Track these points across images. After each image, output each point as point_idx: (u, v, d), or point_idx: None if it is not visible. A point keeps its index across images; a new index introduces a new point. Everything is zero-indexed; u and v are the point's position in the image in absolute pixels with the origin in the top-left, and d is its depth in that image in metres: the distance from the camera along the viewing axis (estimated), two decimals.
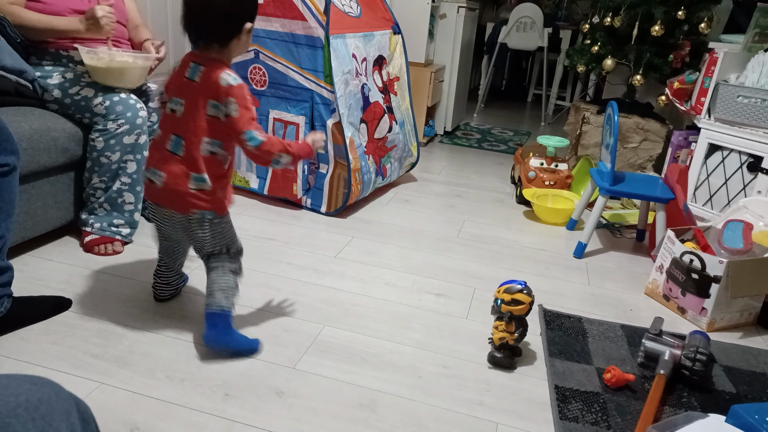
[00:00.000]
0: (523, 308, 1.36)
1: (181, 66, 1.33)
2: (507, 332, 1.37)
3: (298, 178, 2.23)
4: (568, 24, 5.12)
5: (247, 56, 2.23)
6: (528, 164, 2.64)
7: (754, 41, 2.33)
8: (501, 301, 1.37)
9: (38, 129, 1.63)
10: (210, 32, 1.28)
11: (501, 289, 1.38)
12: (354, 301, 1.66)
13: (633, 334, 1.59)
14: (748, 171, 2.24)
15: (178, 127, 1.30)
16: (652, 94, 3.03)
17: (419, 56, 3.37)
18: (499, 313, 1.38)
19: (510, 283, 1.39)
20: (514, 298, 1.36)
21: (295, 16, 2.09)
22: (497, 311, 1.38)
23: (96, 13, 1.63)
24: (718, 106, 2.34)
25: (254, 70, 2.23)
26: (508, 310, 1.36)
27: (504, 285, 1.39)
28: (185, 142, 1.29)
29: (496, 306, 1.38)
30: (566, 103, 5.11)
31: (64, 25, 1.69)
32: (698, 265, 1.65)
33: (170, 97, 1.33)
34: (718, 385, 1.40)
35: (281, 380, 1.29)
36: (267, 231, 2.09)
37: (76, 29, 1.69)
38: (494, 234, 2.26)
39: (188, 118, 1.29)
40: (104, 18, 1.64)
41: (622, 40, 2.85)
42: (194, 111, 1.29)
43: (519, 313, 1.37)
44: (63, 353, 1.31)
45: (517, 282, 1.38)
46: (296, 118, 2.18)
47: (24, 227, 1.67)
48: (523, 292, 1.36)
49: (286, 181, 2.27)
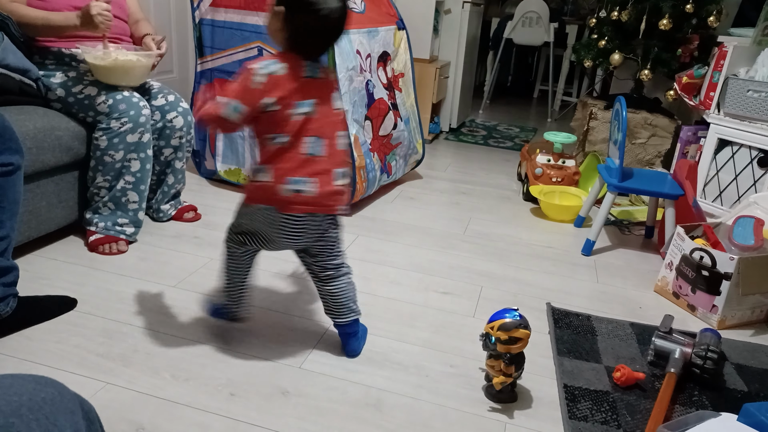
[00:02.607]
0: (522, 345, 1.19)
1: (291, 68, 1.17)
2: (506, 374, 1.22)
3: None
4: (575, 19, 5.08)
5: (250, 53, 2.22)
6: (535, 161, 2.62)
7: (764, 35, 2.29)
8: (496, 339, 1.20)
9: (42, 128, 1.63)
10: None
11: (494, 326, 1.20)
12: (360, 300, 1.64)
13: (643, 332, 1.57)
14: (759, 166, 2.21)
15: (315, 129, 1.20)
16: (660, 89, 2.99)
17: (424, 52, 3.34)
18: (495, 353, 1.22)
19: (502, 316, 1.20)
20: (512, 336, 1.18)
21: None
22: (492, 350, 1.22)
23: (91, 10, 1.61)
24: (728, 100, 2.30)
25: None
26: (506, 350, 1.19)
27: (497, 320, 1.20)
28: (326, 140, 1.21)
29: (489, 344, 1.22)
30: (573, 99, 5.07)
31: (61, 20, 1.68)
32: (708, 261, 1.63)
33: (295, 102, 1.17)
34: (730, 384, 1.38)
35: (286, 379, 1.28)
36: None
37: (72, 24, 1.66)
38: (501, 231, 2.24)
39: (322, 116, 1.21)
40: (99, 16, 1.62)
41: (629, 34, 2.81)
42: (328, 108, 1.23)
43: (518, 350, 1.20)
44: (68, 352, 1.31)
45: (510, 313, 1.21)
46: None
47: (28, 226, 1.66)
48: (520, 327, 1.18)
49: None
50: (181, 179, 2.06)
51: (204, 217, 2.12)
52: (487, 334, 1.22)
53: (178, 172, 2.03)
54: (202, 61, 2.35)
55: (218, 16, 2.24)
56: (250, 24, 2.18)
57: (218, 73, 2.32)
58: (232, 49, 2.25)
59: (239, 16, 2.19)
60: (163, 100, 1.91)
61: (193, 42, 3.11)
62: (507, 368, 1.21)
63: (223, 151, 2.42)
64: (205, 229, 2.03)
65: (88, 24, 1.64)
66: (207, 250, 1.86)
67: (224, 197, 2.35)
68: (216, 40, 2.28)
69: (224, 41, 2.26)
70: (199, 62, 2.36)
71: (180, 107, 1.94)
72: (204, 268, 1.75)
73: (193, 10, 2.29)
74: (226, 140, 2.39)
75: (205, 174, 2.55)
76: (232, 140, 2.37)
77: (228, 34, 2.24)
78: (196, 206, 2.14)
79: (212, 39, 2.29)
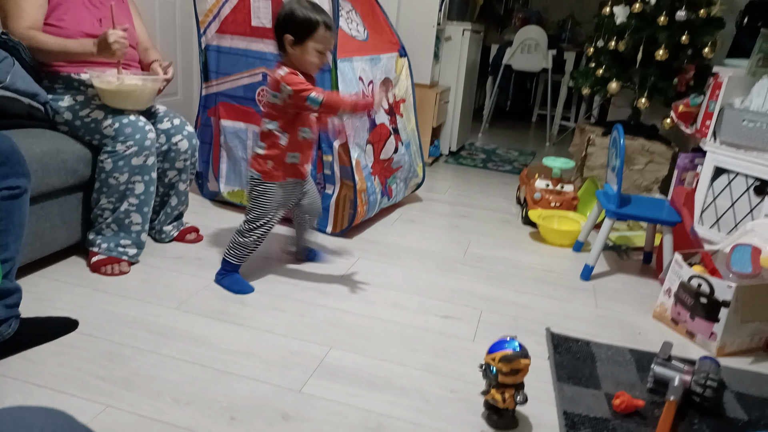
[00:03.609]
0: (523, 374, 1.20)
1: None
2: (511, 401, 1.22)
3: None
4: (572, 46, 5.17)
5: (254, 78, 2.26)
6: (534, 185, 2.65)
7: (759, 65, 2.34)
8: (497, 371, 1.20)
9: (49, 151, 1.65)
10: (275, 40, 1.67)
11: (495, 357, 1.20)
12: (360, 323, 1.65)
13: (642, 358, 1.57)
14: (755, 194, 2.24)
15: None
16: (657, 116, 3.04)
17: (425, 78, 3.40)
18: (496, 383, 1.22)
19: (502, 347, 1.20)
20: (513, 368, 1.18)
21: None
22: (493, 380, 1.22)
23: (108, 38, 1.66)
24: (724, 129, 2.34)
25: (262, 92, 2.26)
26: (511, 381, 1.20)
27: (497, 351, 1.20)
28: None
29: (490, 374, 1.22)
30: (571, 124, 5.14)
31: (77, 47, 1.72)
32: (707, 289, 1.64)
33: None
34: (730, 412, 1.38)
35: (287, 403, 1.28)
36: (273, 250, 2.09)
37: (89, 51, 1.71)
38: (500, 255, 2.26)
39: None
40: (116, 43, 1.67)
41: (626, 63, 2.87)
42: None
43: (521, 379, 1.21)
44: (69, 375, 1.31)
45: (510, 343, 1.21)
46: None
47: (32, 248, 1.67)
48: (521, 358, 1.18)
49: None
50: (184, 201, 2.08)
51: (206, 239, 2.13)
52: (487, 365, 1.23)
53: (182, 194, 2.05)
54: (207, 86, 2.39)
55: (224, 43, 2.28)
56: (255, 51, 2.22)
57: (223, 97, 2.36)
58: (236, 75, 2.30)
59: (244, 43, 2.24)
60: (168, 123, 1.94)
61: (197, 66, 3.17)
62: (509, 397, 1.21)
63: (226, 173, 2.44)
64: (206, 251, 2.04)
65: (105, 51, 1.69)
66: (209, 271, 1.87)
67: (226, 218, 2.37)
68: (221, 65, 2.32)
69: (229, 67, 2.30)
70: (204, 86, 2.40)
71: (185, 131, 1.97)
72: (205, 289, 1.76)
73: (199, 37, 2.34)
74: (229, 163, 2.42)
75: (207, 195, 2.57)
76: (236, 162, 2.40)
77: (233, 59, 2.28)
78: (198, 227, 2.16)
79: (218, 64, 2.33)
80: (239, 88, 2.30)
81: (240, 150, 2.37)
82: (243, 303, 1.70)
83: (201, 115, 2.45)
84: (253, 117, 2.30)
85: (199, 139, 2.43)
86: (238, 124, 2.35)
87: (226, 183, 2.45)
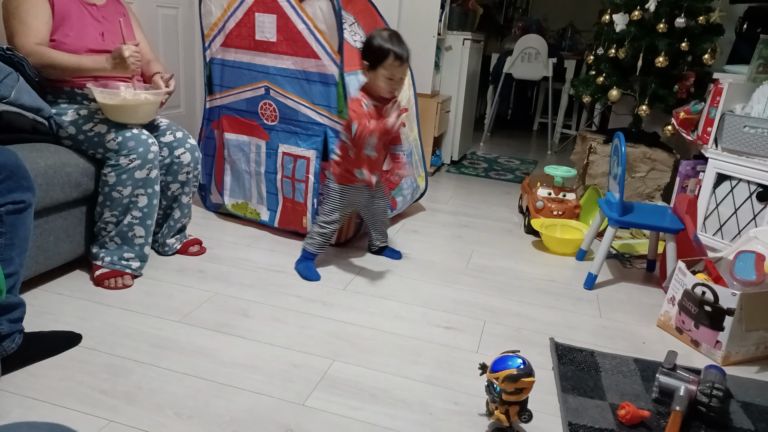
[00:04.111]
0: (528, 390, 1.19)
1: None
2: (516, 418, 1.22)
3: (308, 211, 2.24)
4: (573, 54, 5.19)
5: (257, 92, 2.27)
6: (536, 194, 2.65)
7: (759, 72, 2.35)
8: (501, 390, 1.19)
9: (53, 165, 1.66)
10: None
11: (499, 377, 1.18)
12: (363, 335, 1.65)
13: (647, 368, 1.56)
14: (758, 201, 2.23)
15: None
16: (658, 123, 3.04)
17: (426, 87, 3.42)
18: (500, 401, 1.21)
19: (505, 366, 1.18)
20: (518, 387, 1.17)
21: (307, 54, 2.14)
22: (497, 398, 1.21)
23: (123, 53, 1.70)
24: (725, 136, 2.34)
25: (264, 105, 2.27)
26: (515, 399, 1.19)
27: (501, 370, 1.18)
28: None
29: (494, 392, 1.21)
30: (572, 132, 5.14)
31: (91, 64, 1.75)
32: (711, 297, 1.64)
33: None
34: (736, 422, 1.37)
35: (290, 417, 1.27)
36: (275, 263, 2.09)
37: (102, 68, 1.75)
38: (503, 265, 2.25)
39: None
40: (131, 58, 1.70)
41: (626, 70, 2.88)
42: None
43: (525, 397, 1.20)
44: (71, 389, 1.31)
45: (513, 360, 1.19)
46: (307, 152, 2.21)
47: (36, 261, 1.68)
48: (525, 377, 1.17)
49: (295, 214, 2.28)
50: (187, 213, 2.08)
51: (209, 251, 2.14)
52: (490, 383, 1.22)
53: (185, 206, 2.05)
54: (211, 99, 2.41)
55: (228, 56, 2.30)
56: (259, 65, 2.24)
57: (226, 110, 2.37)
58: (240, 88, 2.31)
59: (248, 57, 2.26)
60: (171, 136, 1.95)
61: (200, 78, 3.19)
62: (514, 414, 1.21)
63: (230, 186, 2.45)
64: (209, 263, 2.04)
65: (119, 66, 1.73)
66: (211, 284, 1.88)
67: (229, 231, 2.38)
68: (225, 78, 2.34)
69: (233, 80, 2.32)
70: (208, 99, 2.42)
71: (188, 143, 1.98)
72: (208, 302, 1.76)
73: (204, 50, 2.35)
74: (233, 176, 2.43)
75: (210, 207, 2.58)
76: (240, 175, 2.41)
77: (237, 73, 2.30)
78: (201, 240, 2.16)
79: (221, 77, 2.35)
80: (242, 102, 2.32)
81: (243, 163, 2.38)
82: (245, 315, 1.70)
83: (205, 128, 2.46)
84: (256, 130, 2.31)
85: (203, 151, 2.45)
86: (242, 137, 2.36)
87: (230, 196, 2.46)
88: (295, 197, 2.26)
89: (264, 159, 2.32)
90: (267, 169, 2.32)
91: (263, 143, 2.31)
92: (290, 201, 2.28)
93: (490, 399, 1.24)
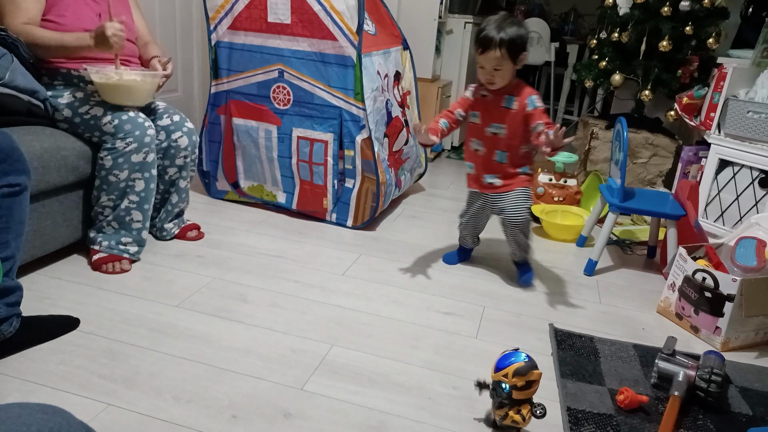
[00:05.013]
0: (537, 385, 1.16)
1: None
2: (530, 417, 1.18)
3: (328, 193, 2.24)
4: (575, 38, 5.13)
5: (270, 75, 2.23)
6: (537, 180, 2.63)
7: (763, 56, 2.32)
8: (511, 387, 1.14)
9: (49, 148, 1.64)
10: None
11: (507, 373, 1.14)
12: (362, 320, 1.64)
13: (646, 353, 1.56)
14: (760, 187, 2.22)
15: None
16: (661, 109, 3.01)
17: (426, 72, 3.38)
18: (510, 402, 1.16)
19: (510, 362, 1.15)
20: (528, 380, 1.14)
21: (324, 35, 2.10)
22: (506, 399, 1.15)
23: (105, 30, 1.64)
24: (728, 121, 2.32)
25: (278, 89, 2.23)
26: (525, 396, 1.15)
27: (507, 366, 1.15)
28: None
29: (502, 393, 1.16)
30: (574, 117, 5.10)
31: (74, 41, 1.70)
32: (711, 283, 1.63)
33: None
34: (734, 407, 1.37)
35: (289, 401, 1.27)
36: (274, 248, 2.08)
37: (86, 45, 1.69)
38: (503, 250, 2.24)
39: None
40: (113, 36, 1.65)
41: (629, 55, 2.84)
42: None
43: (534, 392, 1.16)
44: (70, 373, 1.31)
45: (516, 356, 1.16)
46: (324, 135, 2.19)
47: (33, 246, 1.67)
48: (534, 369, 1.14)
49: (315, 196, 2.27)
50: (185, 198, 2.07)
51: (207, 236, 2.13)
52: (497, 383, 1.17)
53: (182, 191, 2.04)
54: (217, 83, 2.36)
55: (237, 39, 2.25)
56: (272, 47, 2.20)
57: (234, 94, 2.33)
58: (250, 71, 2.26)
59: (260, 39, 2.21)
60: (168, 120, 1.93)
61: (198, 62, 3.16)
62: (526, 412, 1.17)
63: (244, 169, 2.43)
64: (208, 248, 2.03)
65: (102, 44, 1.67)
66: (210, 269, 1.87)
67: (227, 216, 2.36)
68: (233, 62, 2.29)
69: (242, 64, 2.27)
70: (213, 84, 2.36)
71: (185, 127, 1.96)
72: (206, 287, 1.75)
73: (209, 33, 2.31)
74: (245, 159, 2.41)
75: (215, 194, 2.54)
76: (252, 160, 2.38)
77: (247, 56, 2.25)
78: (199, 225, 2.15)
79: (229, 61, 2.30)
80: (253, 86, 2.28)
81: (253, 148, 2.35)
82: (244, 300, 1.70)
83: (209, 114, 2.41)
84: (266, 115, 2.27)
85: (208, 137, 2.42)
86: (250, 123, 2.32)
87: (245, 178, 2.44)
88: (314, 180, 2.26)
89: (276, 144, 2.29)
90: (280, 154, 2.30)
91: (274, 128, 2.28)
92: (308, 183, 2.27)
93: (498, 403, 1.18)
